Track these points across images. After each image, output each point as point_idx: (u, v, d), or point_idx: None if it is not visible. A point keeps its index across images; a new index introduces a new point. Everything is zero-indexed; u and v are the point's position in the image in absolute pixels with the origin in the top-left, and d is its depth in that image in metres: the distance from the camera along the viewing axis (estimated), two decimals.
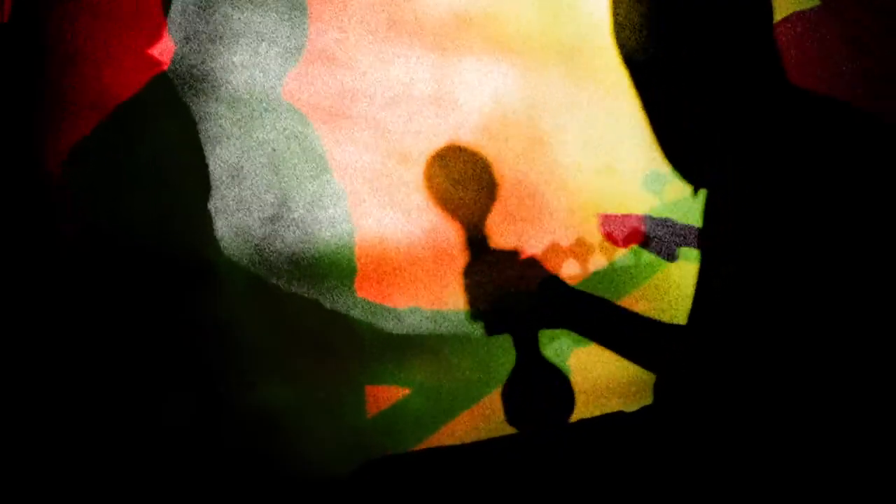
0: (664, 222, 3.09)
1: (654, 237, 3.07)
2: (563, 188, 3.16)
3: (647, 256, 3.16)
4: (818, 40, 3.03)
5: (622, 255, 3.15)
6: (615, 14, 2.09)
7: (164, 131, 3.04)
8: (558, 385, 2.21)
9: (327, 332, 3.09)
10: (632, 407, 2.20)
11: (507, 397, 2.22)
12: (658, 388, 2.11)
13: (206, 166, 3.07)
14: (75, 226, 2.98)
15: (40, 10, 3.01)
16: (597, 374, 3.07)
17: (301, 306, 3.08)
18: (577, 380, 2.26)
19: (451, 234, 3.17)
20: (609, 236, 3.08)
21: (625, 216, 3.10)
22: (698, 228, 2.13)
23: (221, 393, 3.07)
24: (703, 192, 2.13)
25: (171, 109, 3.03)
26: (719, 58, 2.02)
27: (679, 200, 3.11)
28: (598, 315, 2.13)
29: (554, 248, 3.07)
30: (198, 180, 3.07)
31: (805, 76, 2.26)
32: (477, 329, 2.24)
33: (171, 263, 3.02)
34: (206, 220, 3.06)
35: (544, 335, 2.25)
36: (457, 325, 3.13)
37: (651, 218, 3.09)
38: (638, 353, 2.09)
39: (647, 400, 2.17)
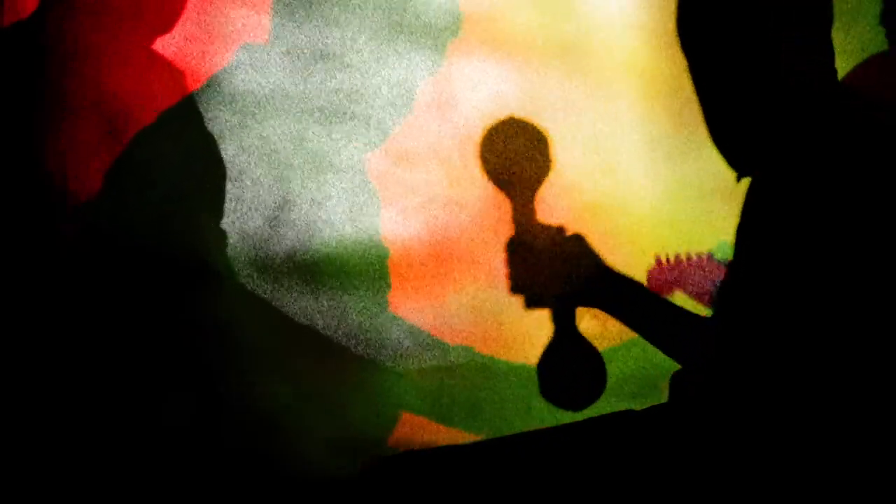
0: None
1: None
2: (564, 188, 3.16)
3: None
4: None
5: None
6: (680, 5, 2.10)
7: (167, 132, 3.04)
8: (591, 361, 2.23)
9: (327, 332, 3.09)
10: (641, 405, 2.20)
11: (541, 370, 2.24)
12: (673, 386, 2.11)
13: (207, 166, 3.07)
14: (75, 226, 2.98)
15: (41, 9, 3.01)
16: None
17: (301, 306, 3.08)
18: None
19: (451, 235, 3.18)
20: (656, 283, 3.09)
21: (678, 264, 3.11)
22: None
23: (221, 393, 3.07)
24: (745, 181, 2.13)
25: (174, 110, 3.04)
26: (775, 52, 2.03)
27: None
28: (632, 298, 2.14)
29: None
30: (198, 181, 3.07)
31: None
32: (514, 306, 2.25)
33: (172, 263, 3.02)
34: (206, 221, 3.06)
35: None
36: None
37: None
38: (665, 340, 2.11)
39: (657, 399, 2.17)
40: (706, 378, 2.01)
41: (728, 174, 2.12)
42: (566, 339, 2.22)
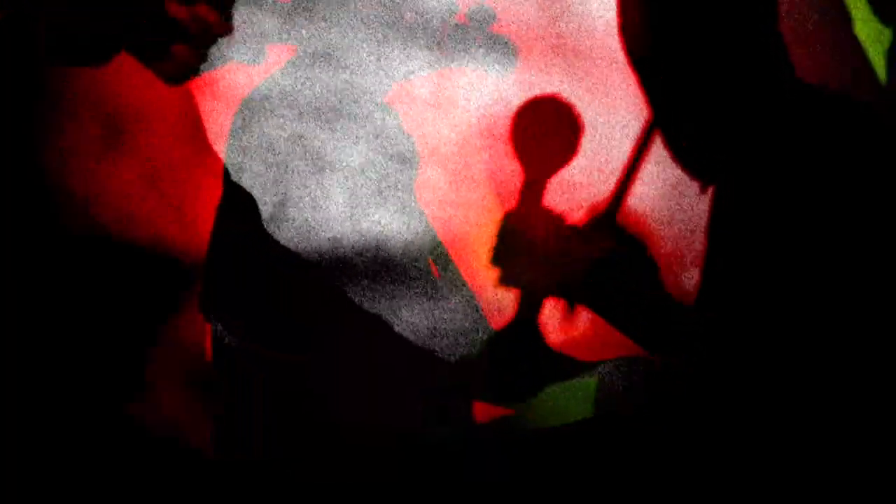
0: None
1: None
2: (563, 188, 3.16)
3: None
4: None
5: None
6: (623, 14, 2.10)
7: (167, 131, 3.04)
8: (539, 354, 2.22)
9: (326, 332, 3.10)
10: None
11: (490, 350, 2.23)
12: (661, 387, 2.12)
13: (206, 167, 3.07)
14: (74, 226, 2.98)
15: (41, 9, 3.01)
16: None
17: (299, 306, 3.09)
18: None
19: (451, 235, 3.18)
20: None
21: None
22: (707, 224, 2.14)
23: (218, 394, 3.07)
24: (710, 189, 2.14)
25: (174, 110, 3.04)
26: (726, 55, 2.03)
27: None
28: (610, 291, 2.14)
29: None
30: (197, 181, 3.07)
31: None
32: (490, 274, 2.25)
33: (170, 264, 3.02)
34: (205, 220, 3.07)
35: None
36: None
37: None
38: (643, 335, 2.10)
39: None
40: (692, 376, 2.02)
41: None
42: (523, 327, 2.20)
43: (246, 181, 3.08)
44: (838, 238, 1.90)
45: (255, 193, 3.07)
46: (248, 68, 3.09)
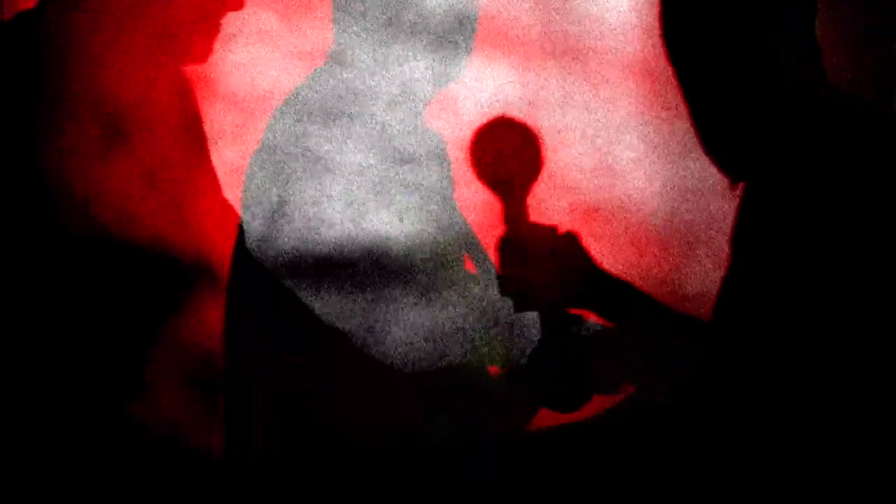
0: None
1: None
2: (563, 188, 3.16)
3: None
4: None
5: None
6: (665, 11, 2.12)
7: (168, 131, 3.04)
8: (576, 369, 2.23)
9: (327, 332, 3.10)
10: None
11: (528, 373, 2.25)
12: (673, 388, 2.12)
13: (206, 166, 3.07)
14: (74, 226, 2.98)
15: (42, 9, 3.01)
16: None
17: (298, 306, 3.09)
18: None
19: (450, 235, 3.18)
20: None
21: None
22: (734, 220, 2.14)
23: (218, 394, 3.07)
24: (740, 185, 2.13)
25: (175, 109, 3.04)
26: (763, 54, 2.04)
27: None
28: (622, 299, 2.16)
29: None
30: (197, 181, 3.07)
31: None
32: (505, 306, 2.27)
33: (170, 264, 3.02)
34: (205, 221, 3.06)
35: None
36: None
37: None
38: (655, 345, 2.12)
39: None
40: (702, 381, 2.02)
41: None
42: (552, 344, 2.22)
43: (245, 181, 3.08)
44: (861, 244, 1.90)
45: (255, 193, 3.07)
46: (248, 68, 3.09)
